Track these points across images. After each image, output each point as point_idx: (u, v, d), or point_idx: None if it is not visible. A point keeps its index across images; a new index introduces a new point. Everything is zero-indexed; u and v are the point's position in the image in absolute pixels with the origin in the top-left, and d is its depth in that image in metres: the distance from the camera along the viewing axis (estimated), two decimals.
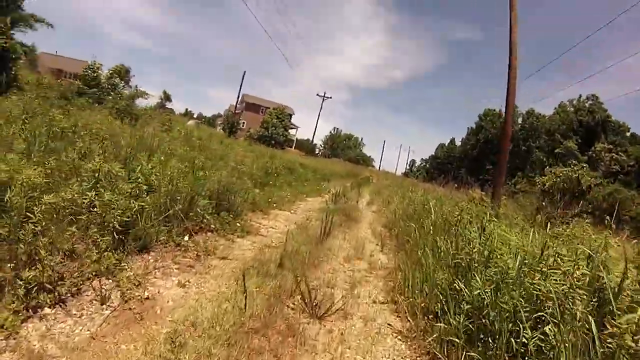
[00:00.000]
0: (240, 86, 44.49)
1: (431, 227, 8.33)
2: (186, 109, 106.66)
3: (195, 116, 68.02)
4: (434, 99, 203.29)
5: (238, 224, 8.44)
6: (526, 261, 4.51)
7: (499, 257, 5.06)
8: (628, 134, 62.81)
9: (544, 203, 13.05)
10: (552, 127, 64.93)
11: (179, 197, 6.89)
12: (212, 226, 7.70)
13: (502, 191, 14.88)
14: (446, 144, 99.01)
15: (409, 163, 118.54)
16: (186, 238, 6.61)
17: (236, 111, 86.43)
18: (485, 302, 4.29)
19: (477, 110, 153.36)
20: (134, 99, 25.34)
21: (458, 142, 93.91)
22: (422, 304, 5.38)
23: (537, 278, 4.09)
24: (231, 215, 8.51)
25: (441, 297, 5.11)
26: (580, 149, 58.81)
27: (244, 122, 75.61)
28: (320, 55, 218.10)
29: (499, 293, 4.25)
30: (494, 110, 78.50)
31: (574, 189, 13.13)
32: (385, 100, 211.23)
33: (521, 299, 3.97)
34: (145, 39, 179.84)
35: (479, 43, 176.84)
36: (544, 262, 4.34)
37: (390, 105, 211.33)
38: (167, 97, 63.85)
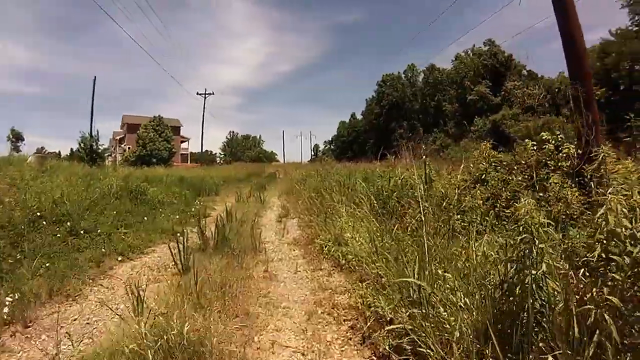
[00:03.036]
0: (93, 97, 31.91)
1: None
2: (71, 149, 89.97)
3: (43, 151, 53.25)
4: (326, 85, 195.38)
5: None
6: None
7: None
8: (525, 72, 57.85)
9: None
10: (458, 77, 58.48)
11: None
12: None
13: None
14: (347, 121, 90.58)
15: (312, 149, 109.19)
16: None
17: (116, 137, 72.01)
18: None
19: (368, 86, 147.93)
20: None
21: (359, 117, 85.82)
22: None
23: None
24: None
25: None
26: (492, 92, 52.74)
27: (128, 147, 61.89)
28: (207, 64, 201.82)
29: None
30: (392, 74, 70.81)
31: None
32: (279, 96, 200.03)
33: None
34: (14, 81, 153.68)
35: (361, 24, 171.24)
36: None
37: (285, 99, 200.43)
38: (16, 136, 49.75)
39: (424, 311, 2.90)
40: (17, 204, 7.64)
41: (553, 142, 5.22)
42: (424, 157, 7.35)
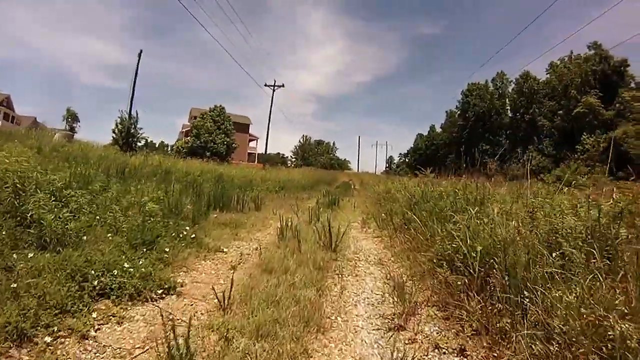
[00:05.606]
0: (136, 72, 25.42)
1: None
2: (145, 139, 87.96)
3: (68, 129, 48.17)
4: (403, 97, 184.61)
5: None
6: None
7: None
8: (633, 83, 45.26)
9: None
10: (560, 86, 47.28)
11: None
12: None
13: None
14: (425, 134, 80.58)
15: (387, 160, 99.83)
16: None
17: (184, 129, 67.27)
18: None
19: (446, 101, 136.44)
20: None
21: (439, 130, 75.63)
22: None
23: None
24: None
25: None
26: (602, 104, 41.88)
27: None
28: (285, 70, 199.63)
29: None
30: (479, 83, 60.23)
31: None
32: (355, 105, 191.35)
33: None
34: (115, 80, 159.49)
35: (439, 35, 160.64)
36: None
37: (361, 109, 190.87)
38: (72, 116, 45.85)
39: None
40: None
41: None
42: None
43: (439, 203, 7.24)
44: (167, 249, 4.89)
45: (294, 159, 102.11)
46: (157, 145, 71.22)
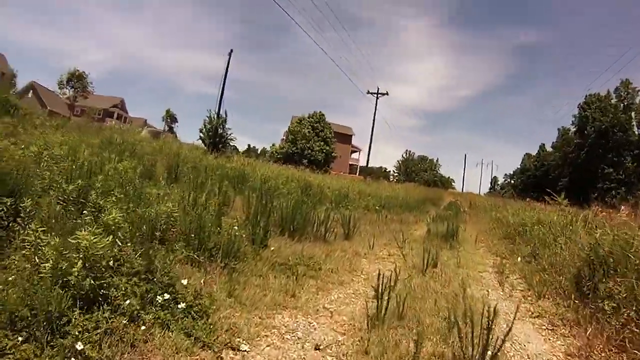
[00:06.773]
0: (226, 71, 24.22)
1: None
2: (248, 145, 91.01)
3: (163, 128, 48.92)
4: (509, 112, 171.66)
5: None
6: None
7: None
8: None
9: None
10: None
11: None
12: None
13: None
14: (533, 153, 72.04)
15: (491, 181, 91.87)
16: None
17: (284, 136, 67.03)
18: None
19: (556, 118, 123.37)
20: None
21: (550, 149, 66.82)
22: None
23: None
24: None
25: None
26: None
27: None
28: (386, 83, 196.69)
29: None
30: (598, 94, 50.73)
31: None
32: (458, 120, 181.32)
33: None
34: (205, 83, 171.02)
35: (546, 44, 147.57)
36: None
37: (464, 125, 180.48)
38: (171, 117, 47.48)
39: None
40: None
41: None
42: None
43: None
44: (79, 345, 1.94)
45: (396, 174, 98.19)
46: (259, 151, 72.52)
